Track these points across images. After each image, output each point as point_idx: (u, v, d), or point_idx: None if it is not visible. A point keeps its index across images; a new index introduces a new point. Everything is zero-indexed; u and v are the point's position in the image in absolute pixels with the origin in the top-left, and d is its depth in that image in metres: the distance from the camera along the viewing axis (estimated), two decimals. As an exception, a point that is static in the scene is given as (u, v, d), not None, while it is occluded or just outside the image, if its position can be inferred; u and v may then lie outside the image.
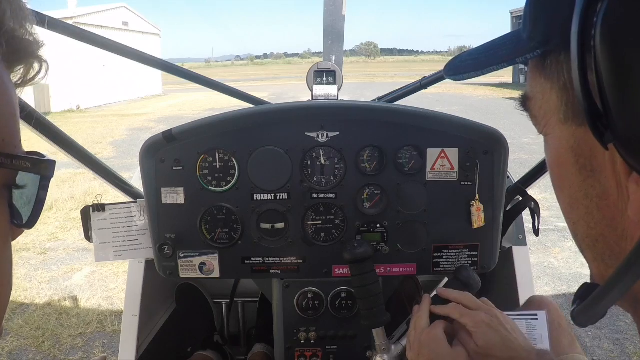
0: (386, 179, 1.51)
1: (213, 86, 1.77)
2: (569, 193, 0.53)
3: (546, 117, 0.54)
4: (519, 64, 0.58)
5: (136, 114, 19.58)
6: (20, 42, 0.51)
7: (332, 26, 1.94)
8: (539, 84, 0.54)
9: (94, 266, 4.92)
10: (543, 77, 0.53)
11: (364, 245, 1.39)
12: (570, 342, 1.31)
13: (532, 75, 0.56)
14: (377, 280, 1.40)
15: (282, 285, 1.62)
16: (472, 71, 0.62)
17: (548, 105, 0.53)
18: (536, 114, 0.56)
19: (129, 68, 23.58)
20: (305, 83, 1.71)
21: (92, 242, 1.65)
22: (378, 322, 1.39)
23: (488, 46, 0.64)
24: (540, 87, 0.54)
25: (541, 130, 0.56)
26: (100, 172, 1.65)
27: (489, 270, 1.58)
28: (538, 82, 0.54)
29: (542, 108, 0.54)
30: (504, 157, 1.48)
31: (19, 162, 0.50)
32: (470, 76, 0.63)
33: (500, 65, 0.59)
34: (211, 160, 1.50)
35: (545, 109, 0.54)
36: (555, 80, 0.51)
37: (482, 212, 1.50)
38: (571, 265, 4.83)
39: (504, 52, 0.59)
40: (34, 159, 0.52)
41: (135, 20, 29.55)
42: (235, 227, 1.53)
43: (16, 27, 0.50)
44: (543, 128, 0.55)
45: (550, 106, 0.52)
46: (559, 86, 0.50)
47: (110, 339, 3.64)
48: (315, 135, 1.48)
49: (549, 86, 0.52)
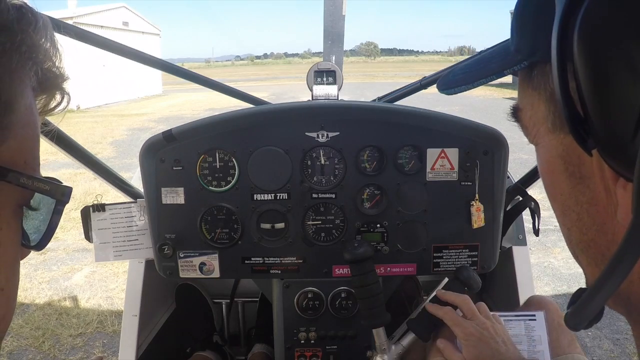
0: (386, 179, 1.51)
1: (213, 86, 1.77)
2: (561, 200, 0.54)
3: (536, 127, 0.55)
4: (507, 75, 0.59)
5: (136, 114, 19.58)
6: (48, 73, 0.54)
7: (332, 26, 1.94)
8: (528, 95, 0.55)
9: (94, 266, 4.92)
10: (531, 88, 0.54)
11: (364, 245, 1.39)
12: (570, 342, 1.31)
13: (521, 87, 0.57)
14: (378, 280, 1.40)
15: (282, 285, 1.62)
16: (463, 85, 0.64)
17: (537, 115, 0.54)
18: (526, 124, 0.57)
19: (129, 68, 23.57)
20: (305, 83, 1.71)
21: (92, 242, 1.65)
22: (378, 322, 1.39)
23: (478, 59, 0.66)
24: (529, 98, 0.55)
25: (532, 140, 0.57)
26: (100, 172, 1.66)
27: (489, 270, 1.58)
28: (527, 93, 0.56)
29: (531, 118, 0.56)
30: (504, 157, 1.48)
31: (38, 184, 0.52)
32: (461, 90, 0.65)
33: (489, 78, 0.61)
34: (211, 160, 1.50)
35: (535, 119, 0.55)
36: (542, 91, 0.52)
37: (482, 212, 1.50)
38: (571, 265, 4.83)
39: (493, 65, 0.61)
40: (52, 183, 0.54)
41: (135, 20, 29.54)
42: (235, 227, 1.53)
43: (47, 59, 0.53)
44: (533, 138, 0.56)
45: (539, 116, 0.54)
46: (546, 96, 0.52)
47: (110, 339, 3.64)
48: (315, 135, 1.48)
49: (536, 97, 0.54)
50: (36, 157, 0.54)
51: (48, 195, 0.54)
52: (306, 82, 1.71)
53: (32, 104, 0.53)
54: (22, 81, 0.50)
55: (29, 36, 0.50)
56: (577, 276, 4.58)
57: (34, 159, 0.53)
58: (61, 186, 0.56)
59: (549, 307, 1.41)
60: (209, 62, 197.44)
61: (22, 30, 0.49)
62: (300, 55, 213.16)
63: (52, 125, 1.44)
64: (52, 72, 0.55)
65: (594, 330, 3.69)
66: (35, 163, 0.54)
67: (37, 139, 0.54)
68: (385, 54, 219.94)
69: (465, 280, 1.38)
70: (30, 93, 0.52)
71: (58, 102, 0.58)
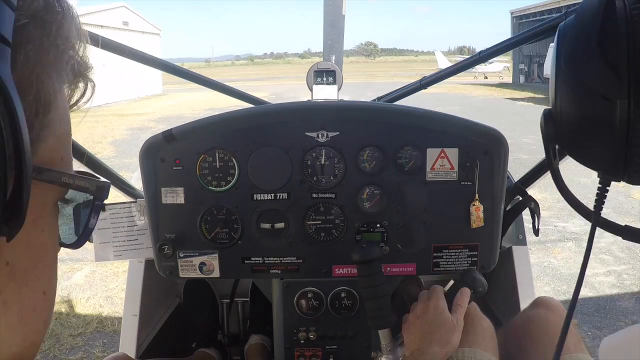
0: (386, 179, 1.51)
1: (213, 86, 1.77)
2: None
3: None
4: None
5: (136, 114, 19.58)
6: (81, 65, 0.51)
7: (332, 26, 1.94)
8: None
9: (93, 266, 4.92)
10: None
11: (373, 245, 1.39)
12: (576, 343, 1.31)
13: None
14: (385, 281, 1.40)
15: (282, 285, 1.62)
16: None
17: None
18: None
19: (129, 68, 23.56)
20: (305, 83, 1.71)
21: (92, 242, 1.65)
22: (385, 323, 1.39)
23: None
24: None
25: None
26: (100, 171, 1.65)
27: (488, 270, 1.58)
28: None
29: None
30: (504, 157, 1.48)
31: (79, 182, 0.50)
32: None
33: None
34: (211, 160, 1.50)
35: None
36: None
37: (481, 212, 1.50)
38: (571, 265, 4.83)
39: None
40: (91, 179, 0.52)
41: (135, 20, 29.54)
42: (235, 227, 1.53)
43: (80, 50, 0.50)
44: None
45: None
46: None
47: (110, 339, 3.64)
48: (315, 135, 1.48)
49: None
50: (70, 152, 0.51)
51: (87, 192, 0.51)
52: (306, 82, 1.71)
53: (65, 99, 0.50)
54: (60, 76, 0.47)
55: (61, 26, 0.46)
56: (576, 276, 4.58)
57: (69, 155, 0.51)
58: (100, 182, 0.53)
59: (554, 309, 1.41)
60: (208, 62, 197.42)
61: (54, 20, 0.45)
62: (300, 55, 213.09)
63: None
64: (84, 62, 0.52)
65: (593, 330, 3.70)
66: (70, 159, 0.51)
67: (71, 135, 0.51)
68: (385, 53, 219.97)
69: (471, 283, 1.38)
70: (65, 87, 0.49)
71: (82, 93, 0.54)
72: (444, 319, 1.27)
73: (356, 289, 1.58)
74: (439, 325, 1.25)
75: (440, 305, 1.29)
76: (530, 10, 33.45)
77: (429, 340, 1.23)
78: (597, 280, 4.45)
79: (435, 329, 1.25)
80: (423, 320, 1.28)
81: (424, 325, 1.27)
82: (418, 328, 1.28)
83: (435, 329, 1.25)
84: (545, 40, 1.63)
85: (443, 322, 1.26)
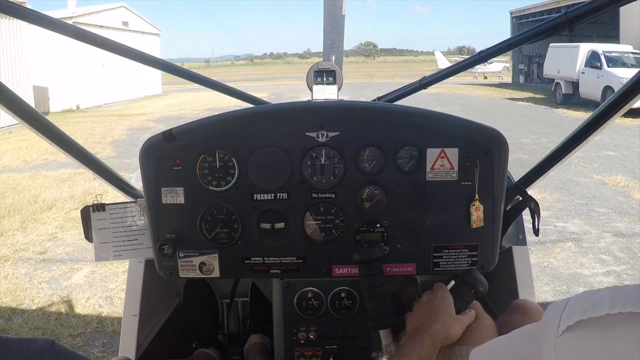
0: (386, 179, 1.51)
1: (213, 86, 1.77)
2: None
3: None
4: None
5: (136, 114, 19.57)
6: None
7: (332, 26, 1.94)
8: None
9: (93, 266, 4.92)
10: None
11: (374, 246, 1.39)
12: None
13: None
14: (386, 281, 1.40)
15: (282, 285, 1.62)
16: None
17: None
18: None
19: (129, 68, 23.57)
20: (305, 83, 1.72)
21: (92, 242, 1.65)
22: (386, 323, 1.39)
23: None
24: None
25: None
26: (100, 171, 1.65)
27: (488, 270, 1.58)
28: None
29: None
30: (504, 157, 1.48)
31: None
32: None
33: None
34: (211, 160, 1.50)
35: None
36: None
37: (481, 212, 1.50)
38: (570, 265, 4.83)
39: None
40: None
41: (135, 20, 29.52)
42: (235, 226, 1.53)
43: None
44: None
45: None
46: None
47: (110, 339, 3.64)
48: (315, 135, 1.48)
49: None
50: None
51: None
52: (306, 82, 1.71)
53: None
54: None
55: None
56: (576, 276, 4.58)
57: None
58: None
59: (531, 313, 1.41)
60: (208, 62, 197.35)
61: None
62: (300, 55, 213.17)
63: (51, 124, 1.44)
64: None
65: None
66: None
67: None
68: (385, 53, 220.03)
69: (472, 284, 1.38)
70: None
71: None
72: (449, 308, 1.29)
73: (356, 289, 1.58)
74: (444, 310, 1.28)
75: (446, 297, 1.32)
76: (529, 10, 33.45)
77: (433, 319, 1.25)
78: (596, 280, 4.45)
79: (441, 311, 1.28)
80: (429, 305, 1.31)
81: (429, 309, 1.30)
82: (423, 309, 1.31)
83: (441, 311, 1.28)
84: (545, 40, 1.64)
85: (448, 310, 1.29)
